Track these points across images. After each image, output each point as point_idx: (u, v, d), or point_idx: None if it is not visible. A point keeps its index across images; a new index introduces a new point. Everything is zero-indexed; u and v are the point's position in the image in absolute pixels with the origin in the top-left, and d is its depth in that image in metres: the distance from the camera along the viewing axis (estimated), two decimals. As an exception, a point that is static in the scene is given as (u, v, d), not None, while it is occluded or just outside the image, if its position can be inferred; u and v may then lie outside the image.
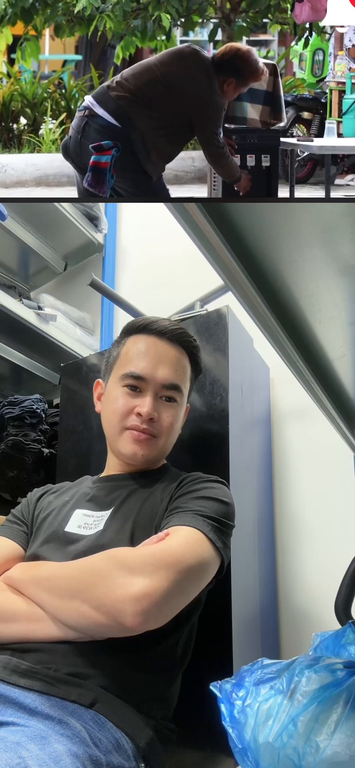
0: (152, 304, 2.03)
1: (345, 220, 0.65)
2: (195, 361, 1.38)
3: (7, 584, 1.12)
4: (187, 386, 1.35)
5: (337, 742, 0.90)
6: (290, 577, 1.98)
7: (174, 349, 1.33)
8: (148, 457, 1.29)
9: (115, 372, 1.34)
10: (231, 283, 0.75)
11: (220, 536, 1.12)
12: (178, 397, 1.31)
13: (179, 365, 1.33)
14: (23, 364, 2.56)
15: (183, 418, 1.40)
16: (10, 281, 2.59)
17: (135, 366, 1.30)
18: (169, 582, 0.99)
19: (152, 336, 1.33)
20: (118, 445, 1.30)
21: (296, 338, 0.87)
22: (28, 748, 0.83)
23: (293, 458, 2.08)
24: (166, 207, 0.72)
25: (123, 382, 1.30)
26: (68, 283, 2.95)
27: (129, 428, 1.28)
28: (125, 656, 1.05)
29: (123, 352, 1.35)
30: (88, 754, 0.89)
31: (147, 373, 1.28)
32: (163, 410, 1.29)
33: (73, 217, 2.63)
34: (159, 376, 1.29)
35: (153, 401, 1.27)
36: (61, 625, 1.04)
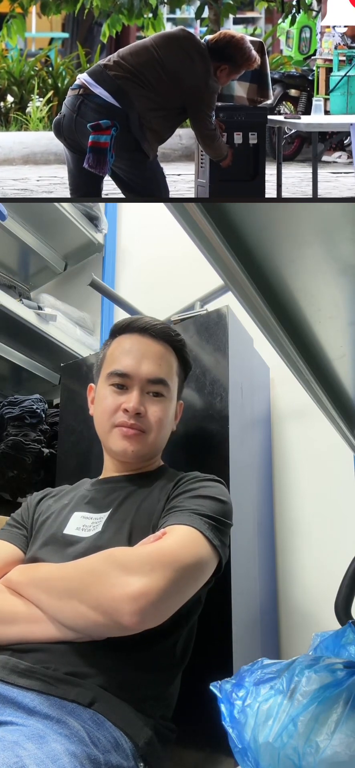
0: (152, 304, 2.03)
1: (345, 220, 0.65)
2: (182, 356, 1.39)
3: (7, 586, 1.12)
4: (174, 381, 1.36)
5: (337, 742, 0.90)
6: (290, 577, 1.98)
7: (158, 344, 1.34)
8: (139, 453, 1.29)
9: (102, 373, 1.37)
10: (231, 283, 0.75)
11: (217, 534, 1.12)
12: (165, 392, 1.32)
13: (164, 360, 1.34)
14: (23, 364, 2.56)
15: (177, 414, 1.41)
16: (10, 281, 2.59)
17: (120, 364, 1.32)
18: (166, 581, 0.99)
19: (135, 334, 1.35)
20: (109, 444, 1.32)
21: (296, 338, 0.87)
22: (25, 747, 0.83)
23: (293, 458, 2.08)
24: (166, 207, 0.72)
25: (109, 381, 1.32)
26: (68, 283, 2.95)
27: (118, 425, 1.29)
28: (124, 656, 1.05)
29: (108, 353, 1.37)
30: (86, 754, 0.89)
31: (131, 370, 1.30)
32: (151, 405, 1.30)
33: (73, 217, 2.63)
34: (143, 371, 1.30)
35: (139, 396, 1.28)
36: (60, 626, 1.04)
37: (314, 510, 2.00)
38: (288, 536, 2.01)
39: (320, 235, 0.68)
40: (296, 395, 1.98)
